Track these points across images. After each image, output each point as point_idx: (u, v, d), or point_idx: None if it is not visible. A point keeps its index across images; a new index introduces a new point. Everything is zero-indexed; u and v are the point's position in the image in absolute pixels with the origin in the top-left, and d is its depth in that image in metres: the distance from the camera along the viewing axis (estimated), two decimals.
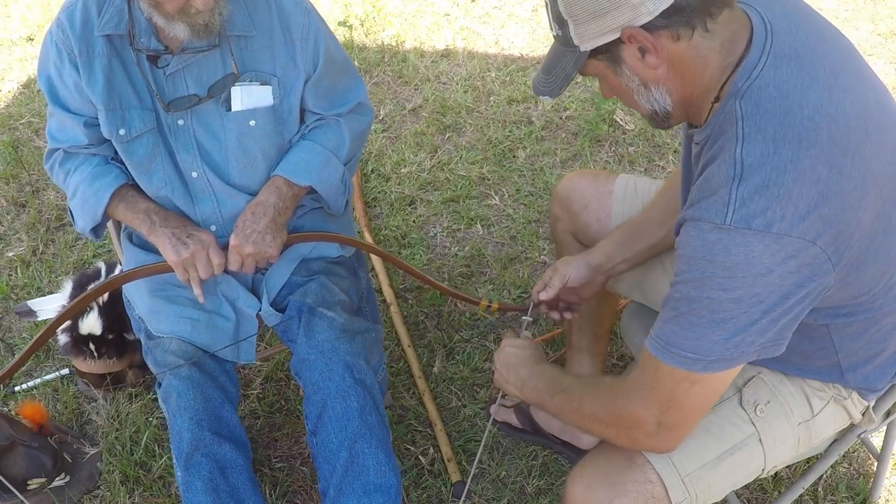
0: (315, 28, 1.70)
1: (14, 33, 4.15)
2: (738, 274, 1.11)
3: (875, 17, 3.96)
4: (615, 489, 1.36)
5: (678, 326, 1.18)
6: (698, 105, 1.25)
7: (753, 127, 1.13)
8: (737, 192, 1.11)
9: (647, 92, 1.25)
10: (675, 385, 1.21)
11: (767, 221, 1.10)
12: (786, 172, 1.10)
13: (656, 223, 1.67)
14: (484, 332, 2.43)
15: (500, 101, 3.39)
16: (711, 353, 1.17)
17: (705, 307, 1.15)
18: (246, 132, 1.71)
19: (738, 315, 1.14)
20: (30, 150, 3.26)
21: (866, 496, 1.97)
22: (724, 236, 1.11)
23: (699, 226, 1.14)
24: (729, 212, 1.11)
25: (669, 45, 1.17)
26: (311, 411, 1.72)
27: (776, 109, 1.13)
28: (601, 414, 1.33)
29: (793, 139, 1.12)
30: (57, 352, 2.39)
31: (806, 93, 1.14)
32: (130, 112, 1.67)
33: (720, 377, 1.20)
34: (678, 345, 1.18)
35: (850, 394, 1.46)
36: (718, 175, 1.15)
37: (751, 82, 1.16)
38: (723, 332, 1.15)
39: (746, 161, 1.12)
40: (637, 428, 1.28)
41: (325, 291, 1.82)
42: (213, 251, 1.70)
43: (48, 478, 2.00)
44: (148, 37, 1.61)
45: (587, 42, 1.20)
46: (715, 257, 1.12)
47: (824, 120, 1.13)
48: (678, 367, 1.19)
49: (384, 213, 2.89)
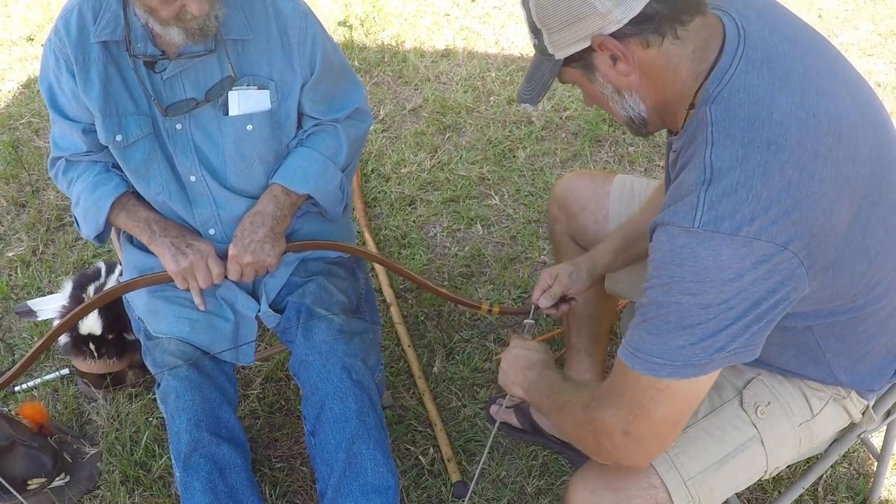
0: (312, 32, 1.70)
1: (14, 33, 4.15)
2: (707, 278, 1.10)
3: (875, 17, 3.96)
4: (619, 495, 1.36)
5: (645, 332, 1.17)
6: (673, 111, 1.25)
7: (722, 132, 1.13)
8: (705, 195, 1.11)
9: (621, 99, 1.26)
10: (642, 392, 1.19)
11: (736, 225, 1.09)
12: (754, 176, 1.10)
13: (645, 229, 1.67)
14: (484, 333, 2.43)
15: (500, 101, 3.39)
16: (678, 358, 1.15)
17: (673, 312, 1.14)
18: (243, 136, 1.71)
19: (706, 321, 1.12)
20: (30, 150, 3.26)
21: (866, 496, 1.97)
22: (692, 240, 1.11)
23: (668, 230, 1.14)
24: (697, 215, 1.11)
25: (640, 53, 1.18)
26: (310, 412, 1.72)
27: (745, 115, 1.13)
28: (577, 417, 1.32)
29: (761, 143, 1.11)
30: (57, 352, 2.39)
31: (776, 97, 1.14)
32: (127, 118, 1.67)
33: (689, 386, 1.18)
34: (645, 350, 1.17)
35: (849, 393, 1.46)
36: (688, 180, 1.15)
37: (721, 87, 1.16)
38: (689, 337, 1.13)
39: (716, 165, 1.12)
40: (604, 434, 1.26)
41: (323, 292, 1.82)
42: (213, 261, 1.70)
43: (48, 478, 2.00)
44: (144, 42, 1.61)
45: (561, 50, 1.22)
46: (683, 262, 1.11)
47: (794, 124, 1.13)
48: (645, 373, 1.18)
49: (384, 213, 2.89)
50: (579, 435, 1.33)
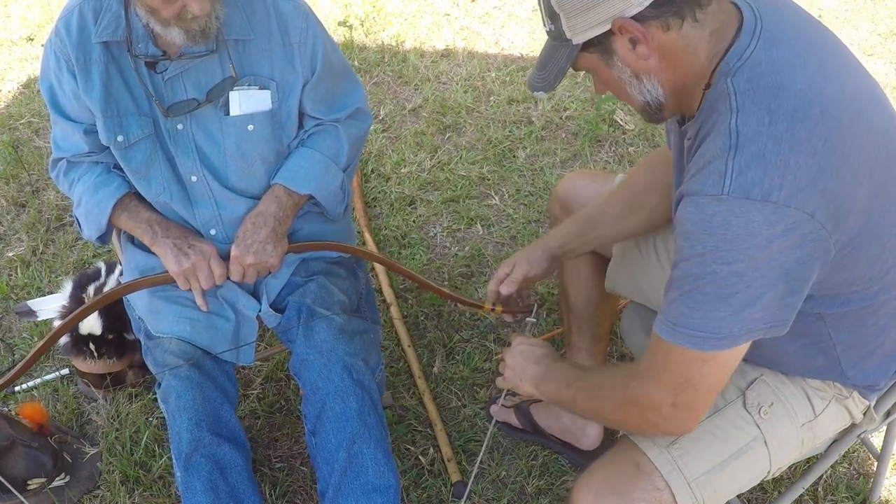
0: (313, 32, 1.70)
1: (14, 33, 4.15)
2: (740, 246, 1.11)
3: (875, 17, 3.96)
4: (624, 498, 1.35)
5: (684, 306, 1.18)
6: (690, 93, 1.25)
7: (747, 99, 1.14)
8: (733, 161, 1.11)
9: (639, 83, 1.25)
10: (687, 366, 1.21)
11: (766, 191, 1.09)
12: (782, 142, 1.10)
13: (614, 218, 1.67)
14: (484, 332, 2.43)
15: (500, 101, 3.39)
16: (720, 331, 1.16)
17: (710, 283, 1.14)
18: (244, 136, 1.71)
19: (742, 290, 1.13)
20: (30, 150, 3.26)
21: (866, 496, 1.97)
22: (722, 208, 1.11)
23: (696, 200, 1.14)
24: (726, 182, 1.11)
25: (660, 35, 1.18)
26: (310, 411, 1.72)
27: (769, 84, 1.14)
28: (617, 398, 1.33)
29: (787, 111, 1.12)
30: (57, 352, 2.38)
31: (797, 71, 1.15)
32: (128, 118, 1.67)
33: (731, 354, 1.20)
34: (687, 324, 1.18)
35: (850, 393, 1.46)
36: (713, 147, 1.15)
37: (742, 62, 1.17)
38: (728, 308, 1.14)
39: (742, 131, 1.12)
40: (652, 410, 1.28)
41: (324, 292, 1.82)
42: (215, 262, 1.71)
43: (48, 478, 2.00)
44: (145, 42, 1.61)
45: (579, 35, 1.21)
46: (715, 230, 1.12)
47: (817, 96, 1.14)
48: (688, 347, 1.19)
49: (384, 213, 2.89)
50: (621, 415, 1.34)
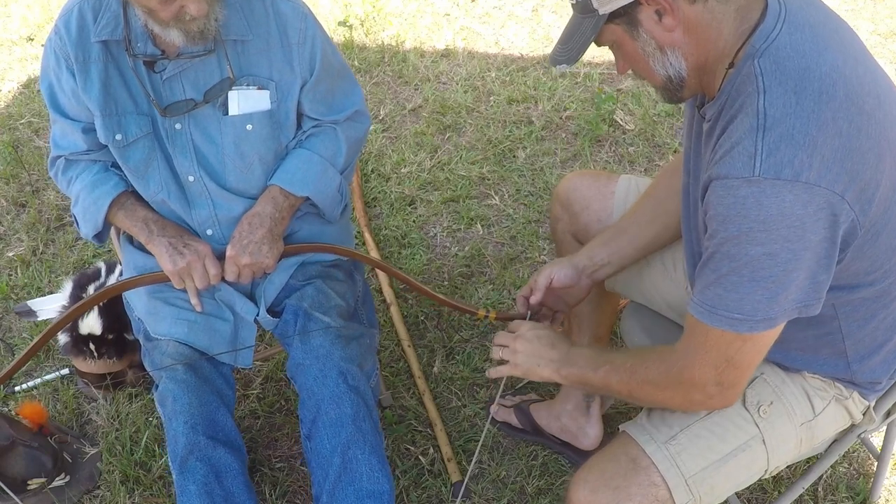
0: (312, 33, 1.70)
1: (14, 33, 4.15)
2: (773, 227, 1.12)
3: (875, 17, 3.96)
4: (619, 493, 1.36)
5: (722, 289, 1.20)
6: (712, 71, 1.27)
7: (774, 81, 1.16)
8: (762, 142, 1.13)
9: (662, 56, 1.26)
10: (727, 346, 1.24)
11: (796, 171, 1.11)
12: (810, 122, 1.12)
13: (645, 222, 1.67)
14: (484, 333, 2.43)
15: (500, 101, 3.39)
16: (756, 314, 1.19)
17: (745, 265, 1.16)
18: (243, 136, 1.71)
19: (776, 273, 1.15)
20: (30, 150, 3.26)
21: (866, 496, 1.96)
22: (754, 189, 1.13)
23: (727, 183, 1.16)
24: (756, 163, 1.13)
25: (686, 8, 1.20)
26: (306, 415, 1.72)
27: (794, 66, 1.16)
28: (656, 379, 1.34)
29: (813, 92, 1.14)
30: (57, 352, 2.39)
31: (822, 55, 1.17)
32: (126, 117, 1.67)
33: (769, 333, 1.23)
34: (725, 307, 1.20)
35: (851, 393, 1.46)
36: (740, 128, 1.17)
37: (768, 44, 1.18)
38: (765, 292, 1.17)
39: (769, 112, 1.14)
40: (696, 390, 1.30)
41: (321, 296, 1.81)
42: (210, 261, 1.70)
43: (48, 478, 2.00)
44: (144, 42, 1.61)
45: (606, 5, 1.22)
46: (748, 212, 1.13)
47: (840, 79, 1.16)
48: (727, 329, 1.21)
49: (384, 213, 2.89)
50: (662, 397, 1.36)
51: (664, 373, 1.33)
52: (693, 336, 1.28)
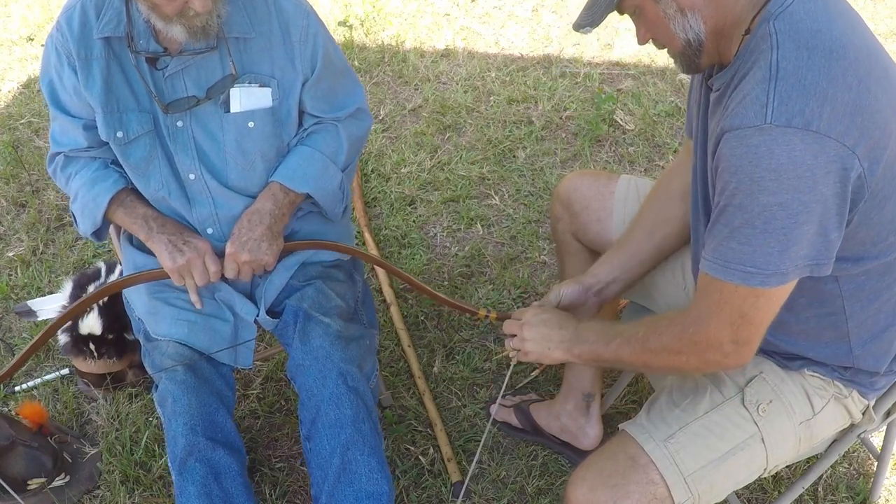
0: (314, 31, 1.70)
1: (14, 33, 4.15)
2: (784, 176, 1.14)
3: (875, 17, 3.96)
4: (618, 491, 1.36)
5: (735, 242, 1.21)
6: (729, 36, 1.29)
7: (787, 38, 1.18)
8: (774, 91, 1.15)
9: (683, 19, 1.28)
10: (742, 301, 1.24)
11: (807, 119, 1.13)
12: (821, 74, 1.15)
13: (645, 233, 1.67)
14: (484, 333, 2.43)
15: (500, 101, 3.39)
16: (768, 267, 1.20)
17: (757, 215, 1.17)
18: (245, 133, 1.71)
19: (788, 224, 1.16)
20: (30, 150, 3.26)
21: (866, 496, 1.97)
22: (765, 137, 1.14)
23: (739, 133, 1.17)
24: (768, 111, 1.15)
25: None
26: (306, 416, 1.72)
27: (807, 27, 1.19)
28: (671, 344, 1.34)
29: (824, 50, 1.17)
30: (57, 352, 2.39)
31: (833, 23, 1.20)
32: (128, 114, 1.67)
33: (780, 289, 1.23)
34: (738, 260, 1.21)
35: (850, 392, 1.46)
36: (752, 81, 1.19)
37: (783, 8, 1.21)
38: (776, 244, 1.18)
39: (782, 64, 1.17)
40: (712, 349, 1.30)
41: (321, 297, 1.81)
42: (210, 258, 1.70)
43: (48, 478, 2.00)
44: (146, 39, 1.61)
45: None
46: (760, 161, 1.15)
47: (850, 44, 1.19)
48: (741, 283, 1.22)
49: (384, 213, 2.89)
50: (678, 361, 1.35)
51: (678, 336, 1.33)
52: (706, 295, 1.28)
